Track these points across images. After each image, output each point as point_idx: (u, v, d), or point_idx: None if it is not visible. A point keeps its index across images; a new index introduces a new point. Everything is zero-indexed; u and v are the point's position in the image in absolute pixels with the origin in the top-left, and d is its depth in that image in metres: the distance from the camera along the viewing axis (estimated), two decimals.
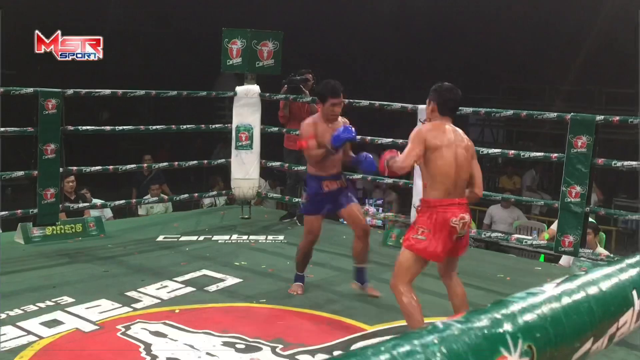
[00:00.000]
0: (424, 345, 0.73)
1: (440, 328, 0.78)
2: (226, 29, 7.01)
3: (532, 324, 0.88)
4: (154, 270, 5.13)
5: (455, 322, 0.79)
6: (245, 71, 7.07)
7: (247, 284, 4.90)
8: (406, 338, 0.73)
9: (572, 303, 0.97)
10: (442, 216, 3.56)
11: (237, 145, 6.99)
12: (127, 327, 3.97)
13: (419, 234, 3.58)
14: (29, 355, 3.57)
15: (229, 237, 6.27)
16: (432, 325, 0.78)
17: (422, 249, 3.58)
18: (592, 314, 0.99)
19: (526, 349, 0.84)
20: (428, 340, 0.74)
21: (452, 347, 0.75)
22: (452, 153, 3.61)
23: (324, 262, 5.60)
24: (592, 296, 1.00)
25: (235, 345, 3.76)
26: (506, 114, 6.03)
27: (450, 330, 0.78)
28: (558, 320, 0.92)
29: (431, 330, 0.77)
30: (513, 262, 6.13)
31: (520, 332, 0.84)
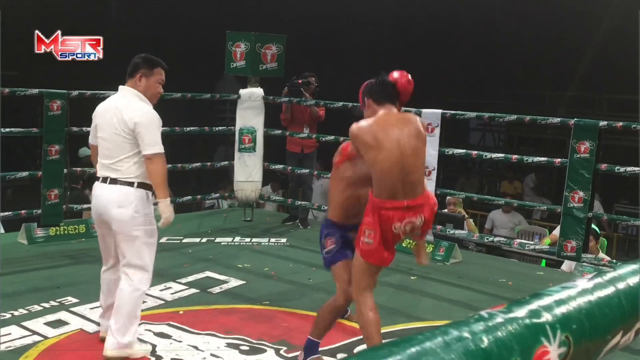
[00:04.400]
0: (472, 332, 0.75)
1: (485, 317, 0.81)
2: (230, 32, 7.04)
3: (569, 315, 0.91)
4: (157, 272, 5.06)
5: (499, 312, 0.82)
6: (248, 74, 7.09)
7: (250, 286, 4.92)
8: (455, 326, 0.76)
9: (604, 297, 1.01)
10: (385, 220, 3.11)
11: (240, 148, 7.01)
12: None
13: (366, 237, 3.14)
14: (34, 355, 3.58)
15: (231, 240, 6.28)
16: (478, 314, 0.81)
17: (369, 252, 3.16)
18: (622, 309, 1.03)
19: (564, 339, 0.88)
20: (476, 328, 0.77)
21: (498, 335, 0.78)
22: (395, 149, 3.08)
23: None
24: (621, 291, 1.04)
25: (239, 346, 3.78)
26: (510, 119, 6.04)
27: (495, 319, 0.81)
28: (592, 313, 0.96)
29: (478, 319, 0.80)
30: (515, 266, 6.15)
31: (558, 323, 0.88)
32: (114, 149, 3.47)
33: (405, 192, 3.11)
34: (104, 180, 3.49)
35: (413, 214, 3.13)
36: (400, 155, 3.09)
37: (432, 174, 5.85)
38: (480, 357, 0.75)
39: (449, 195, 6.96)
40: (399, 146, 3.09)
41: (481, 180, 13.92)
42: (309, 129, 6.82)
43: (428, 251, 5.88)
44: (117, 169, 3.45)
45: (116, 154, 3.46)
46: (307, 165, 6.87)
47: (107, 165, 3.49)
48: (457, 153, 6.13)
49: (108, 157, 3.50)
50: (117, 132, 3.44)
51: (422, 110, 5.88)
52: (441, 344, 0.72)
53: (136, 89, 3.54)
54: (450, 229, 6.12)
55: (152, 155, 3.43)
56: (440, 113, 5.87)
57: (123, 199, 3.43)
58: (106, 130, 3.49)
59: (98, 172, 3.57)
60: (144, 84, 3.54)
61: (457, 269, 5.64)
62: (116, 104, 3.53)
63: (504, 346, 0.78)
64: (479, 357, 0.74)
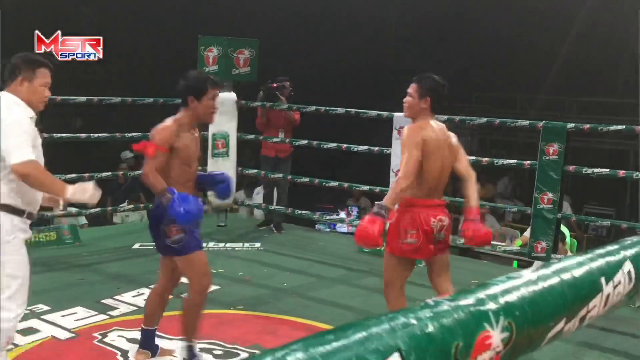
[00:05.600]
0: (418, 319, 0.79)
1: (431, 305, 0.85)
2: (202, 36, 7.03)
3: (512, 303, 0.97)
4: (130, 278, 5.12)
5: (445, 300, 0.87)
6: (221, 79, 7.08)
7: (225, 291, 4.91)
8: (402, 312, 0.80)
9: (547, 287, 1.07)
10: (424, 216, 3.38)
11: (213, 153, 7.00)
12: (104, 334, 3.97)
13: (408, 238, 3.38)
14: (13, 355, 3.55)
15: (205, 245, 6.24)
16: (424, 302, 0.86)
17: (416, 250, 3.40)
18: (565, 297, 1.09)
19: (507, 325, 0.93)
20: (422, 314, 0.81)
21: (443, 321, 0.82)
22: (440, 153, 3.42)
23: (301, 269, 5.63)
24: (565, 281, 1.10)
25: (212, 351, 3.78)
26: (480, 122, 6.12)
27: (441, 306, 0.85)
28: (535, 301, 1.02)
29: (424, 306, 0.85)
30: (487, 268, 6.22)
31: (501, 310, 0.93)
32: None
33: (438, 194, 3.49)
34: None
35: (443, 213, 3.50)
36: (442, 162, 3.45)
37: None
38: (425, 341, 0.79)
39: None
40: (442, 156, 3.45)
41: (454, 184, 14.04)
42: (284, 133, 6.83)
43: None
44: None
45: None
46: (283, 169, 6.88)
47: None
48: None
49: None
50: None
51: (394, 114, 5.93)
52: (387, 329, 0.75)
53: (18, 95, 2.99)
54: None
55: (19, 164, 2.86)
56: None
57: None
58: None
59: None
60: (25, 89, 3.00)
61: None
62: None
63: (447, 331, 0.83)
64: (423, 341, 0.78)
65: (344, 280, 5.42)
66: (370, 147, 6.29)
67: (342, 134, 7.41)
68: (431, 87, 3.45)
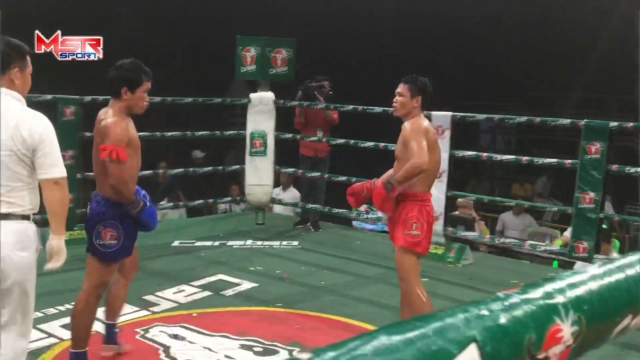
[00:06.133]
0: (490, 310, 0.80)
1: (502, 297, 0.86)
2: (240, 36, 7.09)
3: (581, 297, 0.97)
4: (170, 275, 5.20)
5: (514, 293, 0.87)
6: (259, 78, 7.15)
7: (263, 289, 4.95)
8: (474, 304, 0.81)
9: (613, 282, 1.06)
10: (429, 210, 3.57)
11: (251, 152, 7.05)
12: (146, 329, 4.04)
13: (413, 230, 3.50)
14: (51, 356, 3.64)
15: (243, 243, 6.33)
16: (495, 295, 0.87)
17: (418, 243, 3.52)
18: (631, 293, 1.08)
19: (576, 319, 0.92)
20: (493, 306, 0.82)
21: (514, 313, 0.83)
22: (437, 148, 3.62)
23: (339, 267, 5.65)
24: (630, 277, 1.09)
25: (252, 348, 3.82)
26: (520, 121, 6.05)
27: (511, 299, 0.86)
28: (602, 295, 1.02)
29: (494, 299, 0.85)
30: (526, 268, 6.16)
31: (570, 304, 0.93)
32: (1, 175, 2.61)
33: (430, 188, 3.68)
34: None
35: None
36: (438, 156, 3.66)
37: (443, 176, 5.86)
38: (499, 332, 0.79)
39: (460, 198, 6.97)
40: (438, 149, 3.65)
41: (492, 183, 13.92)
42: (323, 132, 6.85)
43: (439, 253, 5.92)
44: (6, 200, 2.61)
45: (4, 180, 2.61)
46: (321, 169, 6.91)
47: None
48: (468, 155, 6.15)
49: None
50: (6, 151, 2.60)
51: (432, 113, 5.90)
52: (462, 320, 0.76)
53: (13, 88, 2.66)
54: (461, 231, 6.14)
55: (59, 179, 2.69)
56: (450, 115, 5.89)
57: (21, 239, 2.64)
58: None
59: None
60: (20, 80, 2.69)
61: (469, 271, 5.65)
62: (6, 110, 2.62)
63: (519, 323, 0.83)
64: (497, 333, 0.79)
65: (381, 278, 5.42)
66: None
67: (380, 133, 7.40)
68: (422, 87, 3.63)
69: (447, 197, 5.94)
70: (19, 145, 2.59)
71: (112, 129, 3.10)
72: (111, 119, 3.14)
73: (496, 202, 7.69)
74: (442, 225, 5.89)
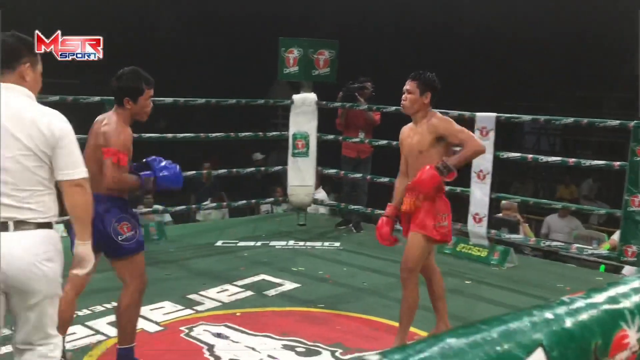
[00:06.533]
0: (556, 315, 0.79)
1: (567, 302, 0.84)
2: (283, 38, 7.13)
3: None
4: (214, 274, 5.25)
5: (579, 297, 0.86)
6: (301, 79, 7.18)
7: (305, 289, 4.97)
8: (539, 308, 0.80)
9: None
10: (448, 202, 3.69)
11: (293, 153, 7.08)
12: (190, 328, 4.08)
13: (442, 221, 3.59)
14: (98, 354, 3.71)
15: (285, 243, 6.35)
16: (559, 299, 0.85)
17: (447, 234, 3.65)
18: None
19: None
20: (559, 310, 0.80)
21: (580, 318, 0.82)
22: None
23: (381, 268, 5.63)
24: None
25: (295, 348, 3.83)
26: (567, 122, 5.94)
27: (576, 303, 0.85)
28: None
29: (560, 303, 0.84)
30: (572, 272, 6.04)
31: (636, 309, 0.90)
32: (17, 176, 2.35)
33: None
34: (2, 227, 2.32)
35: None
36: None
37: (487, 178, 5.80)
38: (565, 337, 0.78)
39: (504, 200, 6.88)
40: None
41: (536, 185, 13.71)
42: (365, 133, 6.84)
43: (483, 255, 5.85)
44: (25, 206, 2.35)
45: (22, 184, 2.36)
46: (363, 170, 6.90)
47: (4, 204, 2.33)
48: (512, 157, 6.06)
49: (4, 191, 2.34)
50: (24, 151, 2.35)
51: (477, 114, 5.85)
52: (528, 325, 0.75)
53: (24, 85, 2.43)
54: (506, 233, 6.06)
55: (82, 180, 2.47)
56: (494, 116, 5.82)
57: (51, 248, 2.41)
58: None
59: None
60: (31, 77, 2.46)
61: (513, 274, 5.57)
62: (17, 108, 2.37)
63: (585, 328, 0.82)
64: (564, 338, 0.78)
65: (423, 280, 5.36)
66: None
67: None
68: (430, 83, 3.64)
69: (490, 199, 5.87)
70: (39, 143, 2.35)
71: (118, 135, 3.16)
72: (117, 125, 3.19)
73: (542, 204, 7.56)
74: (485, 228, 5.83)
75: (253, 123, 11.88)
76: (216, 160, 10.15)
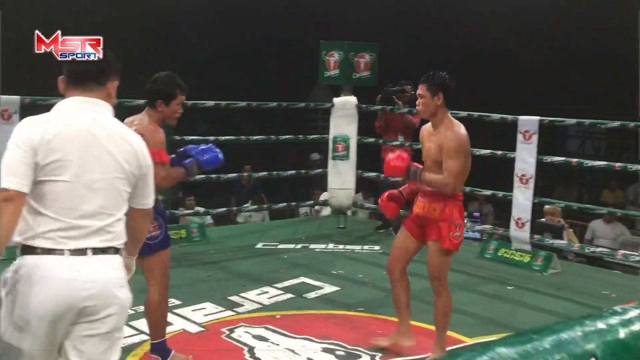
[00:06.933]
0: (609, 325, 0.78)
1: (619, 312, 0.83)
2: (324, 41, 7.15)
3: None
4: (254, 276, 5.29)
5: (632, 307, 0.84)
6: (342, 83, 7.18)
7: (345, 292, 4.96)
8: (592, 319, 0.79)
9: None
10: (463, 209, 3.65)
11: (333, 156, 7.09)
12: (231, 330, 4.12)
13: (457, 231, 3.56)
14: (141, 354, 3.76)
15: (325, 246, 6.36)
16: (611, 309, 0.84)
17: (459, 244, 3.61)
18: None
19: None
20: (611, 321, 0.79)
21: (634, 328, 0.80)
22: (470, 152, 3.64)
23: (421, 273, 5.57)
24: None
25: (335, 352, 3.83)
26: (612, 126, 5.83)
27: (629, 314, 0.83)
28: None
29: (612, 313, 0.83)
30: (618, 278, 5.91)
31: None
32: (107, 199, 2.20)
33: None
34: (79, 253, 2.14)
35: None
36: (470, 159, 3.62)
37: (530, 182, 5.72)
38: (619, 348, 0.77)
39: (547, 204, 6.77)
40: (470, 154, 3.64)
41: (580, 189, 13.45)
42: (404, 137, 6.81)
43: (525, 260, 5.77)
44: (110, 230, 2.20)
45: (111, 208, 2.21)
46: None
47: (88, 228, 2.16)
48: (556, 161, 5.97)
49: (90, 214, 2.17)
50: (119, 173, 2.22)
51: (519, 117, 5.78)
52: (580, 335, 0.74)
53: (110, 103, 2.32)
54: (549, 239, 5.96)
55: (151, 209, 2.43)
56: (537, 120, 5.74)
57: (124, 276, 2.29)
58: (93, 170, 2.17)
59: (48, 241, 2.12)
60: (114, 97, 2.38)
61: (556, 280, 5.48)
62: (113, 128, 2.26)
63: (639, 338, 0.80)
64: (618, 349, 0.76)
65: (464, 286, 5.33)
66: (493, 151, 6.16)
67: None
68: (440, 82, 3.54)
69: (533, 204, 5.79)
70: (133, 168, 2.25)
71: (154, 135, 3.27)
72: (150, 125, 3.32)
73: (586, 209, 7.41)
74: (528, 233, 5.75)
75: (291, 126, 11.92)
76: (256, 163, 10.23)
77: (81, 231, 2.13)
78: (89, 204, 2.15)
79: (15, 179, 2.05)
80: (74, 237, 2.12)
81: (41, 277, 2.08)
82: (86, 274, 2.13)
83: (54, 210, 2.11)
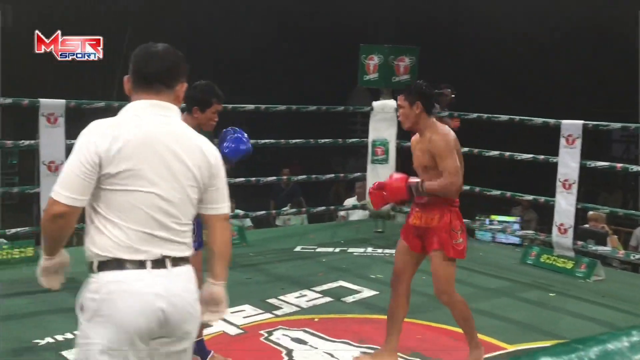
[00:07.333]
0: None
1: None
2: (363, 44, 7.15)
3: None
4: (293, 279, 5.31)
5: None
6: (381, 86, 7.17)
7: (383, 297, 4.92)
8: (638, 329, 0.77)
9: None
10: (460, 215, 3.59)
11: (373, 159, 7.08)
12: (270, 332, 4.14)
13: (459, 238, 3.51)
14: None
15: (363, 250, 6.35)
16: None
17: (463, 250, 3.56)
18: None
19: None
20: None
21: None
22: (461, 155, 3.58)
23: (461, 278, 5.51)
24: None
25: None
26: None
27: None
28: None
29: None
30: None
31: None
32: (180, 208, 2.09)
33: None
34: (158, 264, 2.03)
35: None
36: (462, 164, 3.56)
37: (573, 187, 5.62)
38: None
39: (591, 210, 6.64)
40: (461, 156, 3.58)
41: (625, 195, 13.14)
42: None
43: (568, 267, 5.67)
44: (183, 241, 2.10)
45: (184, 217, 2.11)
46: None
47: (164, 238, 2.05)
48: (600, 166, 5.85)
49: (165, 224, 2.06)
50: (191, 181, 2.10)
51: (562, 122, 5.69)
52: (627, 345, 0.72)
53: (178, 106, 2.17)
54: (592, 245, 5.85)
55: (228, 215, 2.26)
56: (581, 124, 5.64)
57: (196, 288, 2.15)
58: (166, 179, 2.06)
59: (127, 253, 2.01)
60: (182, 99, 2.22)
61: (600, 287, 5.37)
62: (184, 134, 2.13)
63: None
64: None
65: (505, 291, 5.27)
66: (535, 156, 6.07)
67: (505, 142, 7.20)
68: (417, 91, 3.55)
69: (576, 209, 5.68)
70: (205, 175, 2.12)
71: None
72: None
73: (632, 215, 7.24)
74: (571, 239, 5.65)
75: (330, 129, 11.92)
76: (295, 166, 10.25)
77: (158, 242, 2.02)
78: (163, 213, 2.04)
79: (70, 193, 1.97)
80: (152, 248, 2.01)
81: (128, 292, 1.97)
82: (169, 287, 2.01)
83: (130, 221, 2.00)
